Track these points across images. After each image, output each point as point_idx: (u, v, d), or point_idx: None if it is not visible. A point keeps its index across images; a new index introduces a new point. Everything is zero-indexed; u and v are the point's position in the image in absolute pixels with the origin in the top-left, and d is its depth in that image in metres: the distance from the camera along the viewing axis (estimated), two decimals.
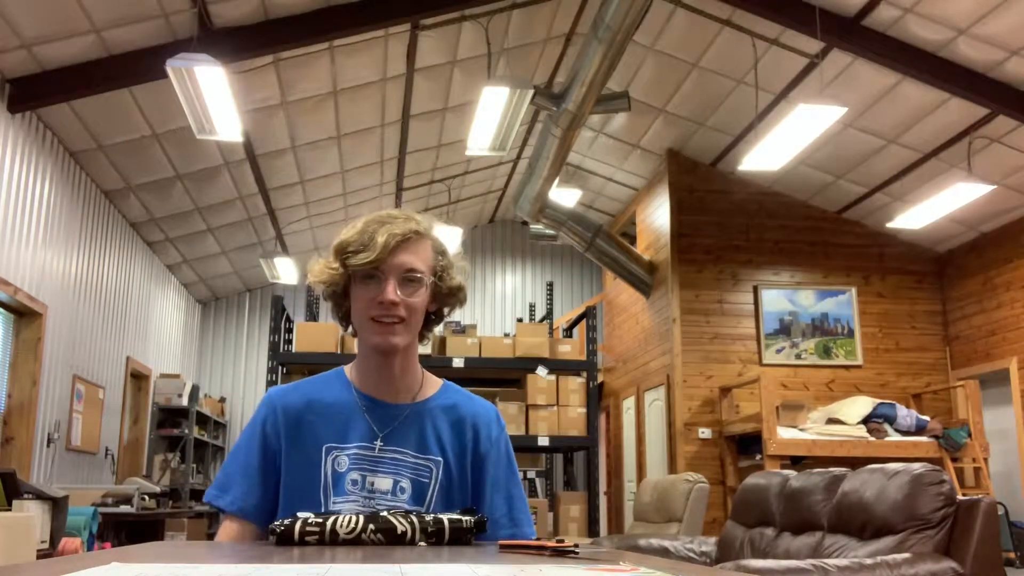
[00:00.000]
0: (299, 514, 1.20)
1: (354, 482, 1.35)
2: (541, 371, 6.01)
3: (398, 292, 1.33)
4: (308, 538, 1.16)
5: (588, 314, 6.43)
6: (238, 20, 5.61)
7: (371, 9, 5.87)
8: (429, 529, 1.21)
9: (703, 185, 8.86)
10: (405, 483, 1.37)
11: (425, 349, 5.92)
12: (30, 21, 4.99)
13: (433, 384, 1.47)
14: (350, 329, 1.43)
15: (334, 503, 1.34)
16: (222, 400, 10.83)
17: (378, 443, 1.37)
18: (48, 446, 6.14)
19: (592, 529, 6.00)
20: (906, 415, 7.53)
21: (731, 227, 8.78)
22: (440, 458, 1.40)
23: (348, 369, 1.47)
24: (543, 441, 5.90)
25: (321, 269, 1.37)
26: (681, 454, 8.23)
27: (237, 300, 11.39)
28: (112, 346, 7.70)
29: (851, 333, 8.66)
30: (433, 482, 1.38)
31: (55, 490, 4.34)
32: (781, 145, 6.25)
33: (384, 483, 1.36)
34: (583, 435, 6.00)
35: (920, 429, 7.47)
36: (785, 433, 7.35)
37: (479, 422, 1.45)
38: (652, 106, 8.13)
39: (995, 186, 7.07)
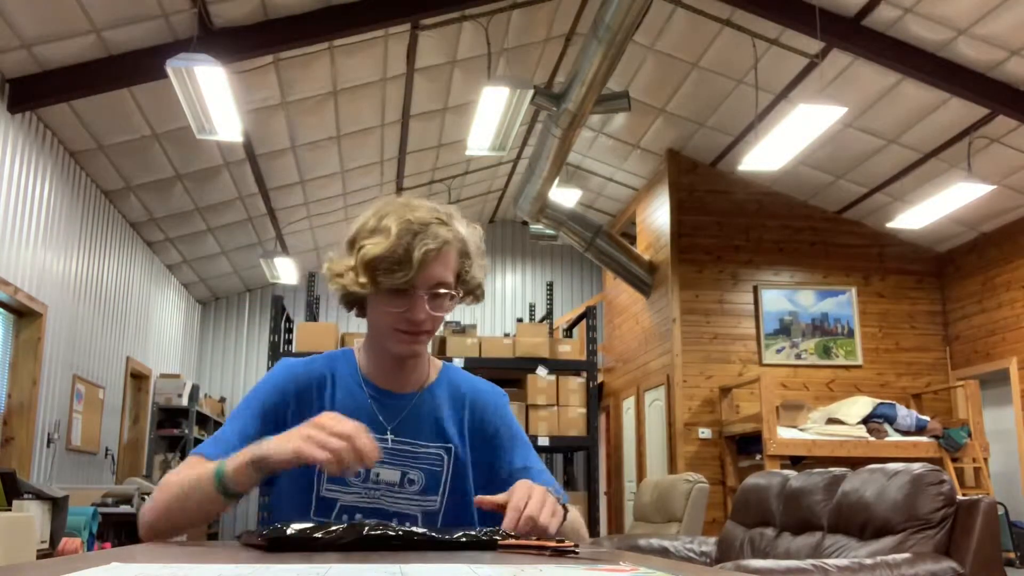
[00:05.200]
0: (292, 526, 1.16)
1: (357, 473, 1.31)
2: (541, 371, 6.01)
3: (427, 308, 1.29)
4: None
5: (588, 314, 6.43)
6: (238, 20, 5.61)
7: (371, 9, 5.87)
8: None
9: (703, 185, 8.86)
10: (415, 475, 1.34)
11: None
12: (30, 21, 4.99)
13: (435, 368, 1.46)
14: (354, 311, 1.39)
15: (327, 490, 1.32)
16: (222, 400, 10.83)
17: (389, 436, 1.34)
18: (48, 446, 6.14)
19: (592, 529, 6.00)
20: (906, 415, 7.53)
21: (731, 227, 8.78)
22: (450, 444, 1.38)
23: (357, 352, 1.44)
24: (543, 441, 5.90)
25: (351, 282, 1.28)
26: (681, 454, 8.23)
27: (237, 300, 11.39)
28: (112, 346, 7.70)
29: (851, 333, 8.66)
30: (446, 470, 1.37)
31: (55, 490, 4.34)
32: (781, 145, 6.25)
33: (391, 475, 1.33)
34: (583, 435, 6.00)
35: (920, 429, 7.47)
36: (785, 433, 7.35)
37: (485, 400, 1.44)
38: (652, 106, 8.13)
39: (995, 186, 7.07)
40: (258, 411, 1.34)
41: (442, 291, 1.31)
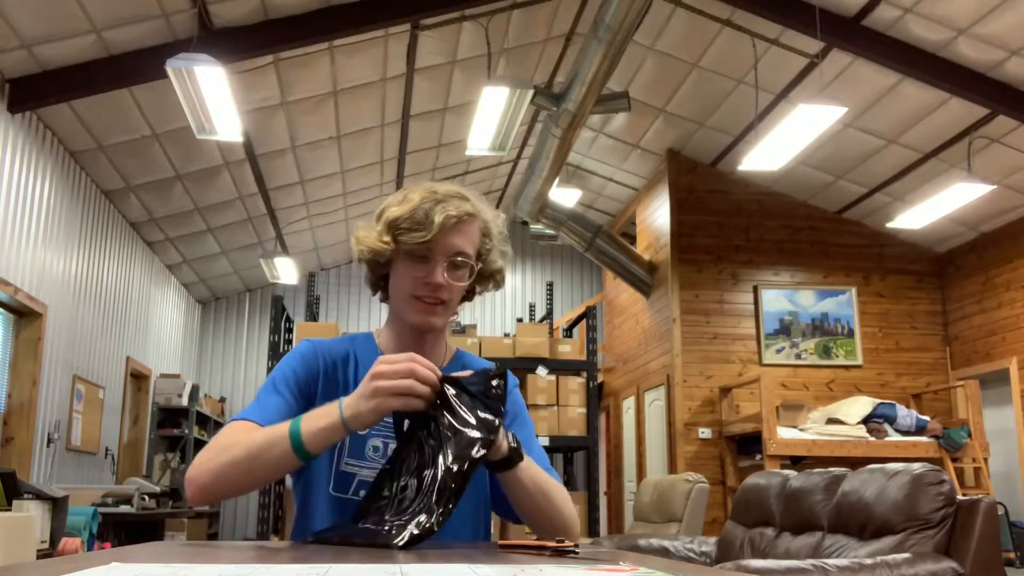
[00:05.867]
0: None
1: (375, 448, 1.35)
2: (541, 371, 6.01)
3: (445, 275, 1.33)
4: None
5: (588, 314, 6.43)
6: (238, 20, 5.61)
7: (371, 9, 5.87)
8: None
9: (703, 185, 8.86)
10: None
11: None
12: (30, 21, 4.99)
13: (449, 351, 1.49)
14: (378, 295, 1.44)
15: (346, 464, 1.35)
16: (222, 400, 10.83)
17: None
18: (48, 446, 6.14)
19: (592, 529, 6.00)
20: (906, 415, 7.53)
21: (731, 227, 8.78)
22: None
23: (377, 334, 1.47)
24: (543, 441, 5.89)
25: (373, 241, 1.35)
26: (681, 454, 8.23)
27: (237, 300, 11.39)
28: (112, 346, 7.70)
29: (851, 333, 8.66)
30: None
31: (55, 490, 4.34)
32: (781, 145, 6.25)
33: None
34: (583, 435, 6.00)
35: (920, 429, 7.47)
36: (785, 433, 7.35)
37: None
38: (652, 106, 8.13)
39: (995, 186, 7.07)
40: (293, 383, 1.36)
41: (460, 259, 1.34)
